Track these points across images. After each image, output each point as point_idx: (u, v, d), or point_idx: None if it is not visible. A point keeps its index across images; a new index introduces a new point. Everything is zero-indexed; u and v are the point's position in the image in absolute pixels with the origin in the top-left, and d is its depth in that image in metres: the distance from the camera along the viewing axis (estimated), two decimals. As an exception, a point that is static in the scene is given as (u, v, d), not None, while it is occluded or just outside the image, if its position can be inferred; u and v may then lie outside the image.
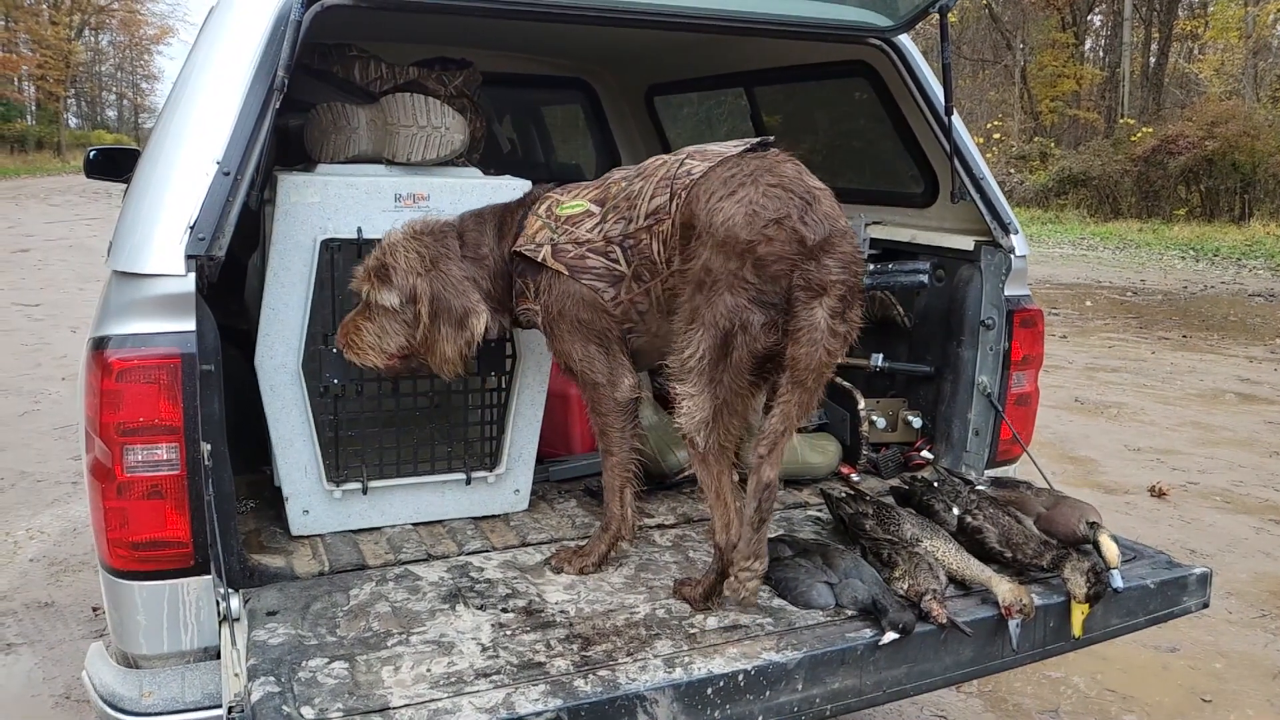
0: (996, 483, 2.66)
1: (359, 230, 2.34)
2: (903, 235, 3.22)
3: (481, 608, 2.07)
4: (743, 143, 2.12)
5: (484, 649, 1.88)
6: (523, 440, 2.60)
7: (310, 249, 2.31)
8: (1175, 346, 9.50)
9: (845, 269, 1.94)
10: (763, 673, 1.81)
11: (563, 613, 2.05)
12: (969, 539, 2.30)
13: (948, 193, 2.90)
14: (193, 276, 1.96)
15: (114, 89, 56.91)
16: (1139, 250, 17.33)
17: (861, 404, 3.03)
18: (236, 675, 1.78)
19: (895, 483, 2.81)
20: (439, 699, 1.69)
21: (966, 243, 2.95)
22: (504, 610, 2.06)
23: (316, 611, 2.03)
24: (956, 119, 2.79)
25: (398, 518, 2.53)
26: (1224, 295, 12.79)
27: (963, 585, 2.16)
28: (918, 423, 3.10)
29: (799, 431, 2.07)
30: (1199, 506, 5.19)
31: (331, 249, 2.33)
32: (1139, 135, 21.86)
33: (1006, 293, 2.85)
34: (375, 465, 2.47)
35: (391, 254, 2.21)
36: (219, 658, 2.00)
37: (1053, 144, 25.14)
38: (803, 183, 1.99)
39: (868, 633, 1.95)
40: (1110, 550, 2.19)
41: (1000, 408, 2.88)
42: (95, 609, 3.73)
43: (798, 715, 1.86)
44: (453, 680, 1.76)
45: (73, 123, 49.85)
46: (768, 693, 1.82)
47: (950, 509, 2.40)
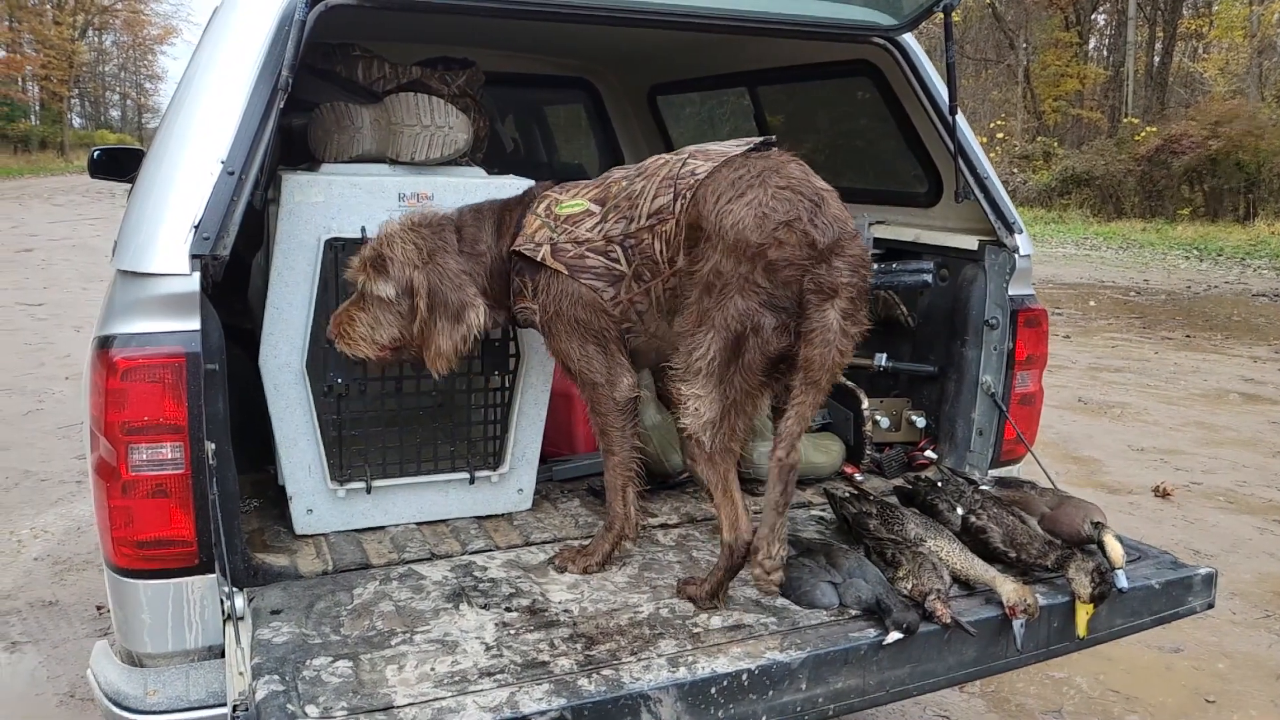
0: (1000, 482, 2.66)
1: (363, 230, 2.34)
2: (907, 235, 3.21)
3: (485, 607, 2.07)
4: (745, 142, 2.12)
5: (488, 648, 1.88)
6: (526, 440, 2.60)
7: (314, 248, 2.32)
8: (1179, 346, 9.48)
9: (854, 272, 1.95)
10: (766, 672, 1.81)
11: (566, 612, 2.05)
12: (973, 539, 2.29)
13: (952, 192, 2.89)
14: (197, 276, 1.96)
15: (117, 89, 57.05)
16: (1142, 250, 17.30)
17: (865, 404, 3.02)
18: (241, 674, 1.78)
19: (899, 482, 2.81)
20: (443, 698, 1.69)
21: (970, 242, 2.95)
22: (508, 609, 2.06)
23: (320, 610, 2.03)
24: (961, 118, 2.78)
25: (401, 517, 2.53)
26: (1228, 295, 12.77)
27: (967, 585, 2.16)
28: (921, 422, 3.10)
29: (802, 431, 2.07)
30: (1203, 507, 5.18)
31: (335, 248, 2.33)
32: (1143, 135, 21.81)
33: (1010, 292, 2.85)
34: (379, 464, 2.47)
35: (389, 245, 2.19)
36: (223, 656, 2.00)
37: (1056, 143, 25.10)
38: (810, 184, 1.99)
39: (871, 632, 1.95)
40: (1115, 550, 2.19)
41: (1004, 407, 2.88)
42: (99, 607, 3.74)
43: (801, 715, 1.86)
44: (457, 679, 1.76)
45: (76, 123, 50.02)
46: (771, 692, 1.82)
47: (954, 509, 2.40)
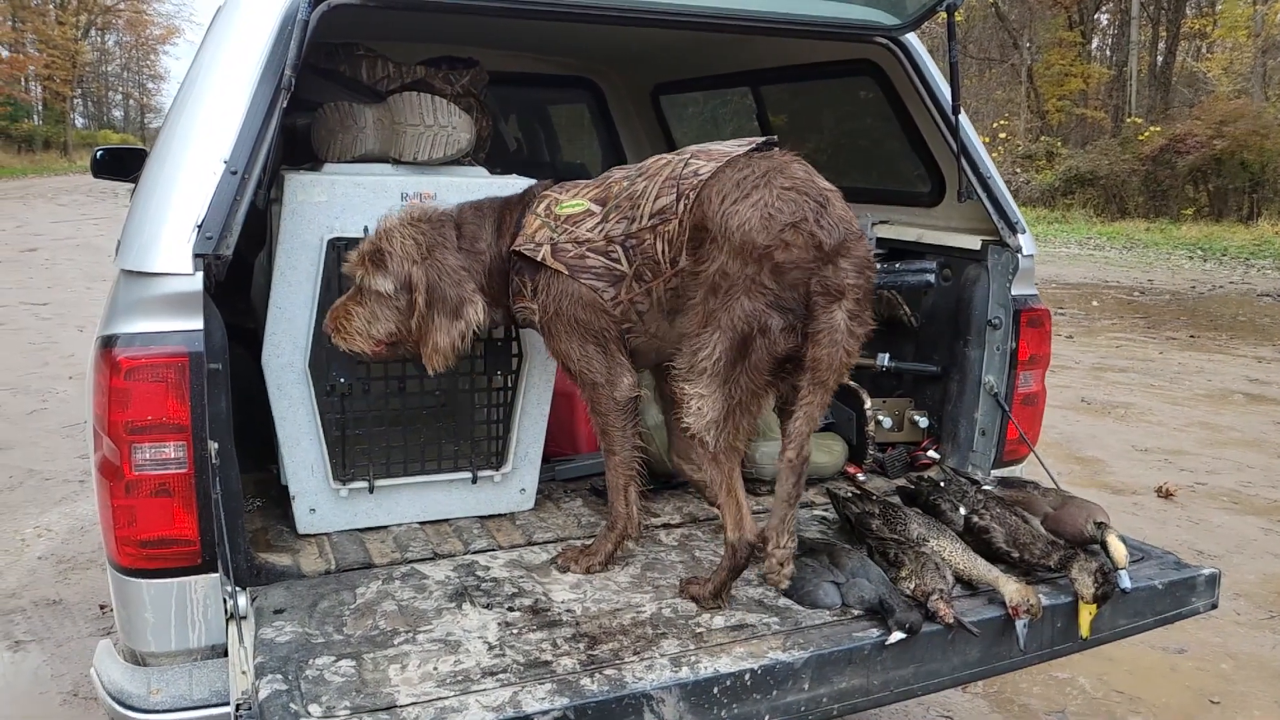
0: (1003, 482, 2.65)
1: (365, 229, 2.34)
2: (909, 235, 3.21)
3: (488, 606, 2.07)
4: (747, 142, 2.12)
5: (490, 647, 1.88)
6: (529, 439, 2.60)
7: (317, 248, 2.32)
8: (1183, 346, 9.47)
9: (860, 273, 1.96)
10: (769, 672, 1.81)
11: (569, 611, 2.05)
12: (976, 539, 2.29)
13: (954, 192, 2.89)
14: (200, 275, 1.97)
15: (120, 89, 57.08)
16: (1146, 250, 17.27)
17: (868, 403, 3.02)
18: (244, 673, 1.78)
19: (902, 482, 2.80)
20: (446, 697, 1.69)
21: (973, 242, 2.94)
22: (510, 609, 2.06)
23: (323, 610, 2.03)
24: (964, 118, 2.78)
25: (404, 516, 2.53)
26: (1232, 295, 12.75)
27: (970, 585, 2.16)
28: (924, 422, 3.09)
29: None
30: (1207, 507, 5.17)
31: (338, 248, 2.32)
32: (1146, 134, 21.77)
33: (1013, 292, 2.85)
34: (382, 464, 2.47)
35: (388, 239, 2.19)
36: (226, 655, 2.01)
37: (1059, 143, 25.05)
38: (815, 184, 1.99)
39: (874, 632, 1.95)
40: (1118, 550, 2.19)
41: (1007, 407, 2.88)
42: (103, 606, 3.74)
43: (804, 715, 1.85)
44: (459, 679, 1.76)
45: (79, 123, 50.03)
46: (774, 692, 1.82)
47: (957, 509, 2.40)
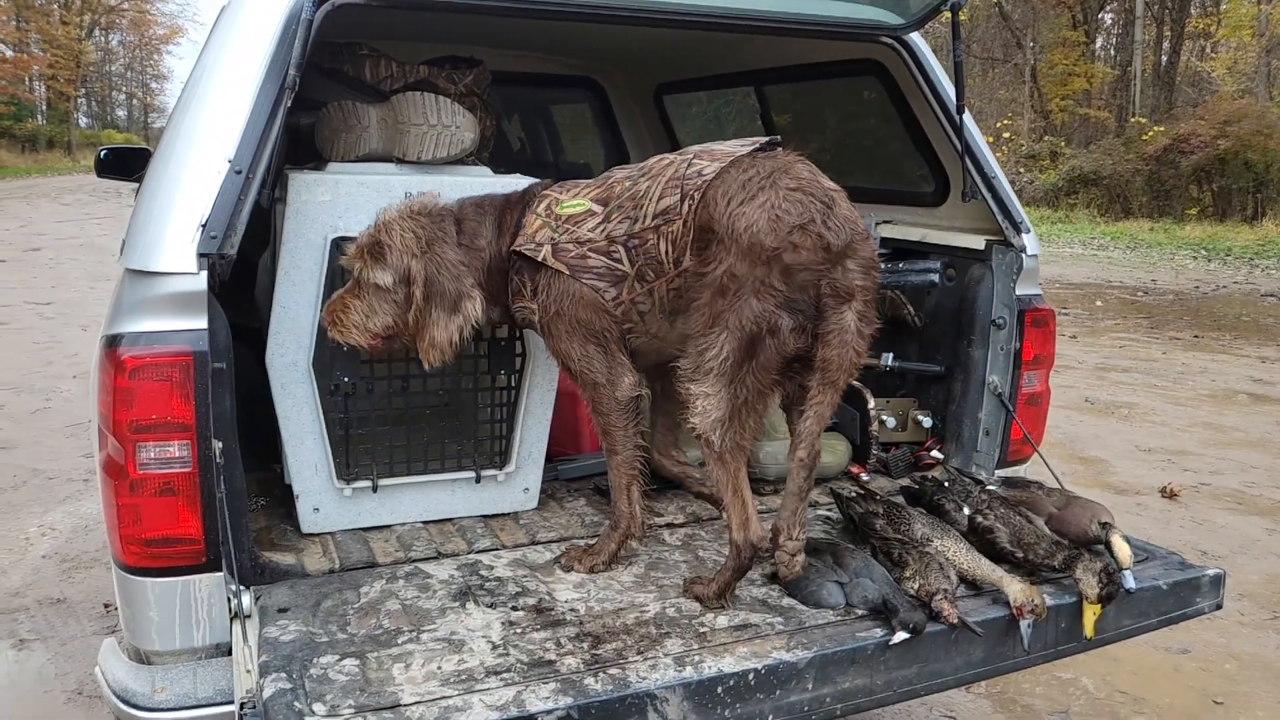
0: (1007, 482, 2.65)
1: (369, 229, 2.34)
2: (913, 234, 3.21)
3: (492, 606, 2.07)
4: (750, 142, 2.12)
5: (494, 647, 1.88)
6: (532, 439, 2.60)
7: (321, 247, 2.32)
8: (1187, 347, 9.45)
9: (867, 274, 1.97)
10: (773, 672, 1.81)
11: (573, 611, 2.05)
12: (980, 539, 2.29)
13: (958, 192, 2.89)
14: (205, 275, 1.97)
15: (124, 89, 57.18)
16: (1150, 250, 17.24)
17: (872, 403, 3.01)
18: (248, 671, 1.79)
19: (905, 482, 2.80)
20: (450, 696, 1.70)
21: (977, 242, 2.94)
22: (514, 608, 2.06)
23: (327, 609, 2.03)
24: (967, 117, 2.78)
25: (408, 516, 2.53)
26: (1236, 295, 12.72)
27: (974, 585, 2.16)
28: (928, 422, 3.09)
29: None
30: (1210, 507, 5.16)
31: (342, 247, 2.33)
32: (1150, 134, 21.73)
33: (1018, 292, 2.85)
34: (385, 463, 2.48)
35: (387, 232, 2.18)
36: (230, 654, 2.01)
37: (1063, 143, 25.02)
38: (820, 185, 1.99)
39: (878, 632, 1.95)
40: (1122, 551, 2.19)
41: (1011, 407, 2.87)
42: (107, 605, 3.75)
43: (808, 714, 1.85)
44: (463, 678, 1.76)
45: (83, 122, 50.12)
46: (778, 692, 1.82)
47: (961, 509, 2.40)
